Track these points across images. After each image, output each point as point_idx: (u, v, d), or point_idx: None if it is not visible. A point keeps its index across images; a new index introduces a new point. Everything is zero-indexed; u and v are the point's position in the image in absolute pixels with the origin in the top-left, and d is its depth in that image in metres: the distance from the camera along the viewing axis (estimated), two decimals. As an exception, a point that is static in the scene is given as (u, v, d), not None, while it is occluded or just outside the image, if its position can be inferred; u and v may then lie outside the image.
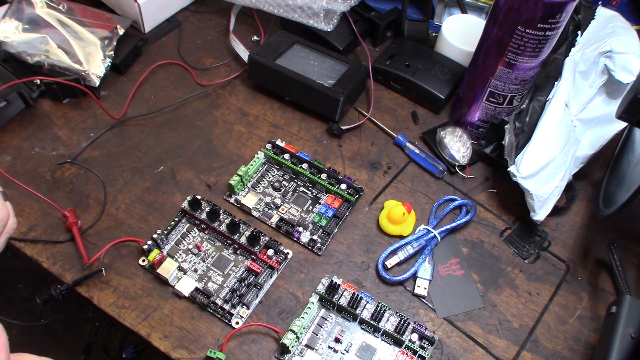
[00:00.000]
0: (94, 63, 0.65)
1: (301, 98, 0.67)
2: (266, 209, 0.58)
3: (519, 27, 0.53)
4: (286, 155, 0.62)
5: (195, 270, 0.53)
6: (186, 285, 0.51)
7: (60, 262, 0.53)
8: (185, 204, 0.56)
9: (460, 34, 0.71)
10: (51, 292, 0.50)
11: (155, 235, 0.54)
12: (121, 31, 0.69)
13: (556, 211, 0.59)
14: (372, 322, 0.50)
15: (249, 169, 0.59)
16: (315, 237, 0.56)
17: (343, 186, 0.59)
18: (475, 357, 0.50)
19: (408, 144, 0.65)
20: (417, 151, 0.64)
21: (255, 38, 0.77)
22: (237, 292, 0.51)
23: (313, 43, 0.70)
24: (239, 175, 0.58)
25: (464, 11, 0.76)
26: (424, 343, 0.50)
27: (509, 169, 0.56)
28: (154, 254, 0.52)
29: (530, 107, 0.59)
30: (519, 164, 0.55)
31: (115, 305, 0.51)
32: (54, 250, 0.54)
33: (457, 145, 0.63)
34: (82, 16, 0.69)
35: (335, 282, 0.52)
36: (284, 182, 0.61)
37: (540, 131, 0.56)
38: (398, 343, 0.50)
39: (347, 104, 0.66)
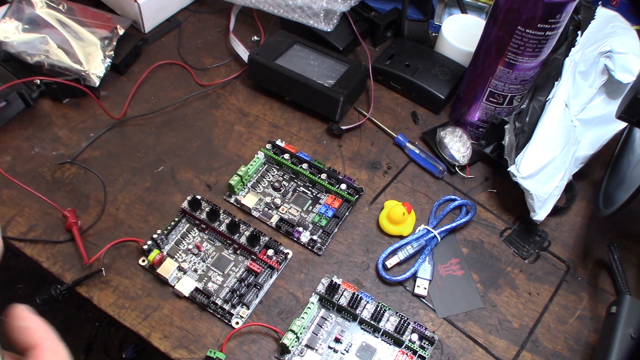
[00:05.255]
0: (94, 63, 0.65)
1: (301, 98, 0.67)
2: (266, 209, 0.58)
3: (519, 27, 0.53)
4: (286, 155, 0.62)
5: (195, 270, 0.53)
6: (186, 285, 0.51)
7: (60, 262, 0.53)
8: (185, 204, 0.56)
9: (460, 34, 0.71)
10: (51, 292, 0.50)
11: (155, 235, 0.54)
12: (121, 31, 0.69)
13: (556, 211, 0.59)
14: (372, 322, 0.50)
15: (249, 169, 0.59)
16: (315, 237, 0.56)
17: (343, 186, 0.59)
18: (475, 357, 0.50)
19: (408, 144, 0.65)
20: (417, 151, 0.64)
21: (255, 38, 0.77)
22: (237, 292, 0.51)
23: (313, 43, 0.70)
24: (239, 175, 0.58)
25: (464, 11, 0.76)
26: (424, 343, 0.50)
27: (509, 169, 0.56)
28: (154, 254, 0.52)
29: (530, 107, 0.59)
30: (519, 164, 0.55)
31: (115, 305, 0.51)
32: (54, 250, 0.54)
33: (457, 145, 0.63)
34: (82, 16, 0.69)
35: (335, 282, 0.52)
36: (284, 182, 0.61)
37: (540, 131, 0.56)
38: (398, 343, 0.50)
39: (347, 104, 0.66)
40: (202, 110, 0.68)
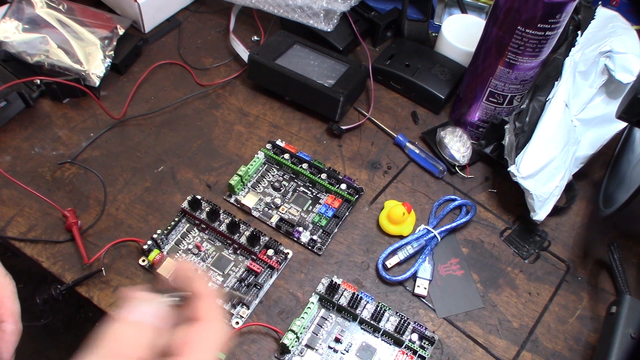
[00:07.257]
0: (94, 63, 0.65)
1: (301, 98, 0.67)
2: (266, 209, 0.58)
3: (519, 27, 0.53)
4: (286, 155, 0.62)
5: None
6: (186, 285, 0.51)
7: (60, 262, 0.53)
8: (185, 204, 0.56)
9: (460, 34, 0.71)
10: (51, 292, 0.50)
11: (155, 235, 0.54)
12: (121, 31, 0.69)
13: (556, 211, 0.59)
14: (372, 322, 0.50)
15: (249, 169, 0.59)
16: (315, 237, 0.56)
17: (343, 186, 0.59)
18: (475, 357, 0.50)
19: (408, 144, 0.65)
20: (417, 151, 0.64)
21: (255, 38, 0.77)
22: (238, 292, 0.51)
23: (313, 43, 0.70)
24: (239, 175, 0.58)
25: (464, 11, 0.76)
26: (424, 343, 0.50)
27: (509, 169, 0.56)
28: (154, 254, 0.52)
29: (530, 107, 0.59)
30: (519, 164, 0.55)
31: (116, 306, 0.51)
32: (54, 250, 0.54)
33: (457, 145, 0.63)
34: (82, 16, 0.69)
35: (335, 282, 0.52)
36: (284, 182, 0.61)
37: (540, 131, 0.56)
38: (398, 343, 0.50)
39: (347, 104, 0.66)
40: (202, 110, 0.68)
